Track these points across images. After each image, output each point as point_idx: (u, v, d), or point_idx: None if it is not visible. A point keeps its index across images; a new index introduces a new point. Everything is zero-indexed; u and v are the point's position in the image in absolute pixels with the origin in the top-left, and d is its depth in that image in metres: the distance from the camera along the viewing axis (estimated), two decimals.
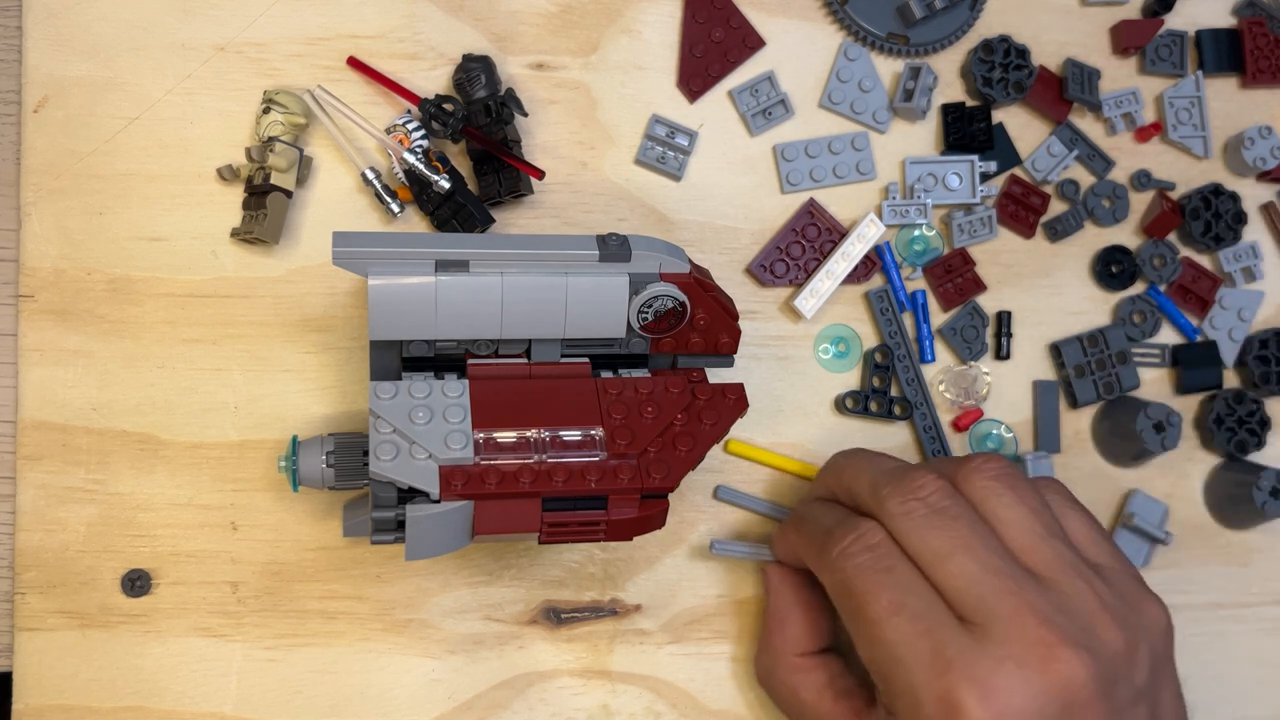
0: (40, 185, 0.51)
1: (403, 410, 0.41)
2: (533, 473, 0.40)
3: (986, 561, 0.40)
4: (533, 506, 0.40)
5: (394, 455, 0.39)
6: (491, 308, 0.42)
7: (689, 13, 0.56)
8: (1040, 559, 0.41)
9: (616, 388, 0.44)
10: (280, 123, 0.51)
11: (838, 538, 0.43)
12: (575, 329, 0.44)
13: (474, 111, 0.52)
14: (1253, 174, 0.59)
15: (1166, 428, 0.54)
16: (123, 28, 0.52)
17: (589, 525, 0.41)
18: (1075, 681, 0.39)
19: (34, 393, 0.50)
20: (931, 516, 0.41)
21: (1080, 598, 0.41)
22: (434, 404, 0.41)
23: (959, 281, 0.56)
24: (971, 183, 0.56)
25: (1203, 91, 0.58)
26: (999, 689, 0.38)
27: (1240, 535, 0.58)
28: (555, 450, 0.41)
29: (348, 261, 0.41)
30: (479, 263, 0.42)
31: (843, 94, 0.56)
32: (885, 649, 0.40)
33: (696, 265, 0.46)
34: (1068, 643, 0.39)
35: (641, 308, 0.44)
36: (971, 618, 0.39)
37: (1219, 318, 0.58)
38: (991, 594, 0.39)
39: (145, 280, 0.51)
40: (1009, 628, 0.39)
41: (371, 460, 0.39)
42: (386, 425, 0.40)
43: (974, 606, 0.39)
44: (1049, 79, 0.57)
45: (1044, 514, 0.43)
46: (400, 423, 0.40)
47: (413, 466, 0.39)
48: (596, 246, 0.43)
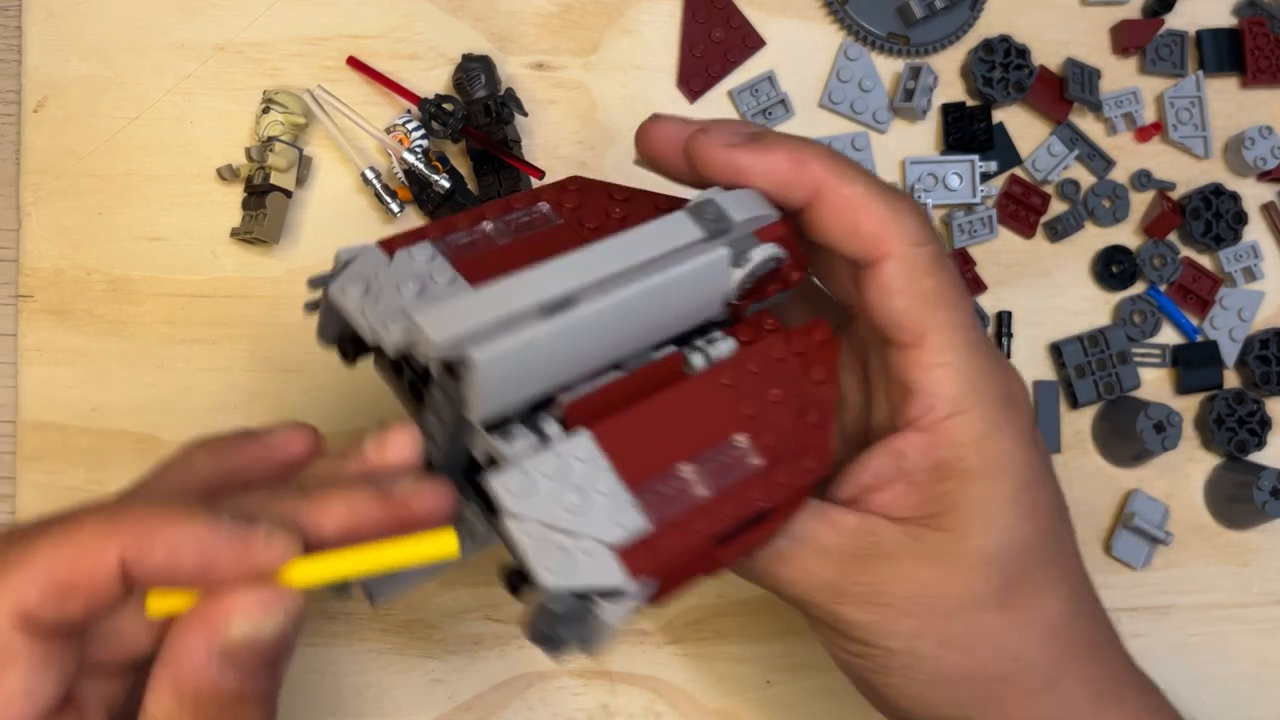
0: (40, 185, 0.51)
1: (550, 503, 0.32)
2: (703, 515, 0.33)
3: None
4: (712, 551, 0.34)
5: (563, 559, 0.31)
6: (602, 338, 0.34)
7: (689, 12, 0.56)
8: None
9: (730, 377, 0.36)
10: (280, 122, 0.51)
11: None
12: (677, 323, 0.37)
13: (474, 111, 0.52)
14: (1253, 174, 0.59)
15: (1167, 428, 0.54)
16: (122, 27, 0.52)
17: (760, 542, 0.36)
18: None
19: (33, 393, 0.50)
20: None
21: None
22: (574, 479, 0.32)
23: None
24: (972, 183, 0.56)
25: (1203, 91, 0.58)
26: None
27: (1240, 535, 0.58)
28: (710, 477, 0.34)
29: (451, 349, 0.31)
30: (585, 292, 0.33)
31: (843, 94, 0.56)
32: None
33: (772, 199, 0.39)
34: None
35: (744, 280, 0.37)
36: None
37: (1219, 318, 0.58)
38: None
39: (145, 280, 0.51)
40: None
41: (541, 575, 0.30)
42: (534, 526, 0.31)
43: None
44: (1049, 79, 0.57)
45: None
46: (551, 517, 0.32)
47: (588, 564, 0.31)
48: (696, 224, 0.36)
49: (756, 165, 0.37)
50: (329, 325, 0.36)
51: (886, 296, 0.37)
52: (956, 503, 0.36)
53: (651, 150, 0.39)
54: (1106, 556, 0.56)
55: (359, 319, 0.33)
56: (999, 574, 0.37)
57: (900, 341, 0.37)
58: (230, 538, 0.29)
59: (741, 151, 0.37)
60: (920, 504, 0.37)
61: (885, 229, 0.36)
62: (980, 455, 0.37)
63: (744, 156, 0.37)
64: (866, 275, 0.37)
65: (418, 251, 0.34)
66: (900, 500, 0.37)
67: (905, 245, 0.36)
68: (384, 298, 0.33)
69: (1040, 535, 0.38)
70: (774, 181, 0.37)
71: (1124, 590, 0.56)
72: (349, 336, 0.36)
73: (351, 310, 0.33)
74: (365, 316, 0.33)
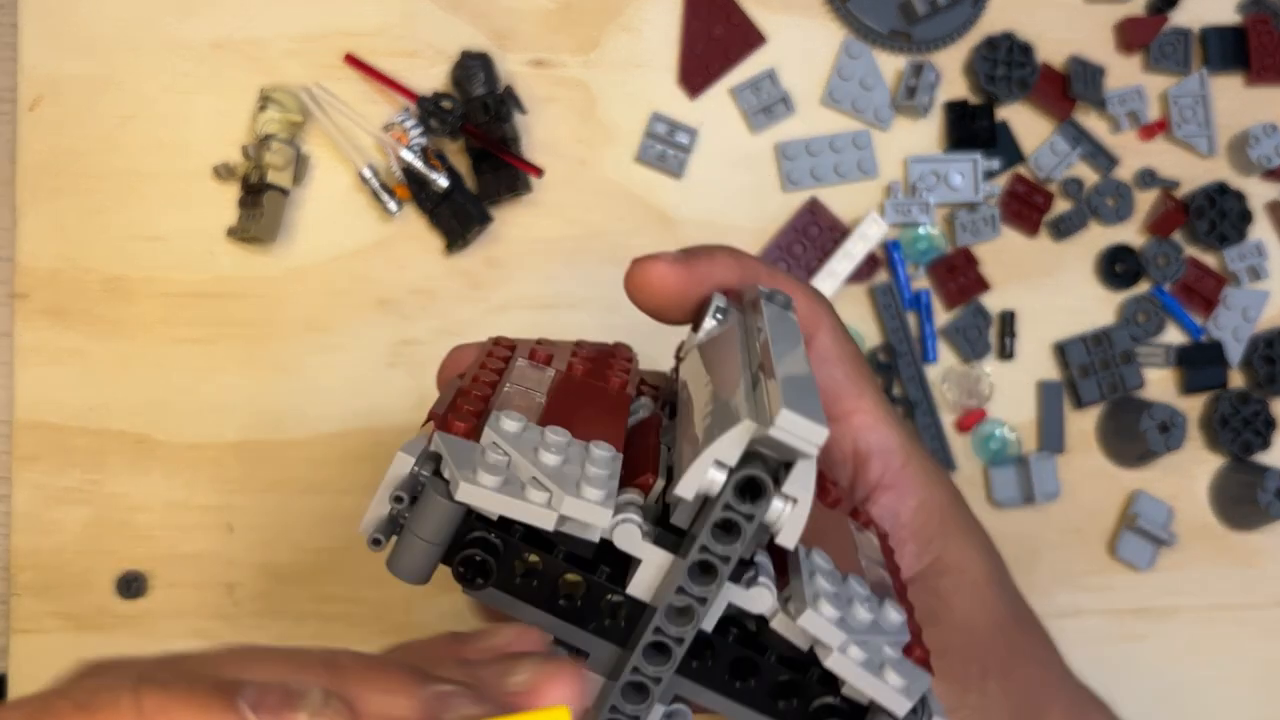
0: (36, 184, 0.51)
1: (851, 618, 0.28)
2: (899, 589, 0.33)
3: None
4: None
5: (899, 678, 0.28)
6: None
7: (689, 9, 0.55)
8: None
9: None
10: (277, 120, 0.50)
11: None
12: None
13: (472, 109, 0.52)
14: (1258, 172, 0.58)
15: (1171, 428, 0.54)
16: (119, 26, 0.52)
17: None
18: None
19: (29, 393, 0.50)
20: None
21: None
22: (844, 590, 0.29)
23: (962, 281, 0.56)
24: (975, 181, 0.56)
25: (1207, 89, 0.58)
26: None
27: (1245, 536, 0.57)
28: (872, 561, 0.34)
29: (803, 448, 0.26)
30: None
31: (845, 91, 0.56)
32: None
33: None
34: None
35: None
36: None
37: (1224, 317, 0.57)
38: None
39: (141, 279, 0.51)
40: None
41: (897, 705, 0.28)
42: (860, 641, 0.28)
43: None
44: (1053, 76, 0.57)
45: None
46: (860, 630, 0.28)
47: (908, 670, 0.28)
48: (787, 313, 0.35)
49: (715, 274, 0.37)
50: (426, 549, 0.28)
51: (827, 367, 0.39)
52: (947, 538, 0.39)
53: (656, 301, 0.38)
54: (1111, 558, 0.56)
55: (526, 506, 0.26)
56: (1002, 589, 0.40)
57: (842, 411, 0.40)
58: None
59: (698, 266, 0.37)
60: (920, 555, 0.39)
61: (815, 307, 0.39)
62: (943, 491, 0.40)
63: (702, 270, 0.37)
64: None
65: (505, 420, 0.28)
66: (905, 561, 0.39)
67: (831, 319, 0.39)
68: (543, 472, 0.27)
69: (996, 548, 0.42)
70: (733, 284, 0.38)
71: (1128, 591, 0.56)
72: (463, 559, 0.28)
73: (509, 500, 0.26)
74: (530, 499, 0.27)
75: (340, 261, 0.52)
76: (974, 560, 0.40)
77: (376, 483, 0.52)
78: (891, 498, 0.39)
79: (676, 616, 0.27)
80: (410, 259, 0.52)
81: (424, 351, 0.52)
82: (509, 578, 0.29)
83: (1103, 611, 0.56)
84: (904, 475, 0.39)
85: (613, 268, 0.54)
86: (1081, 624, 0.56)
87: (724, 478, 0.26)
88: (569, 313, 0.53)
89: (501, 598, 0.29)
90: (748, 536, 0.26)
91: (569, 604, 0.29)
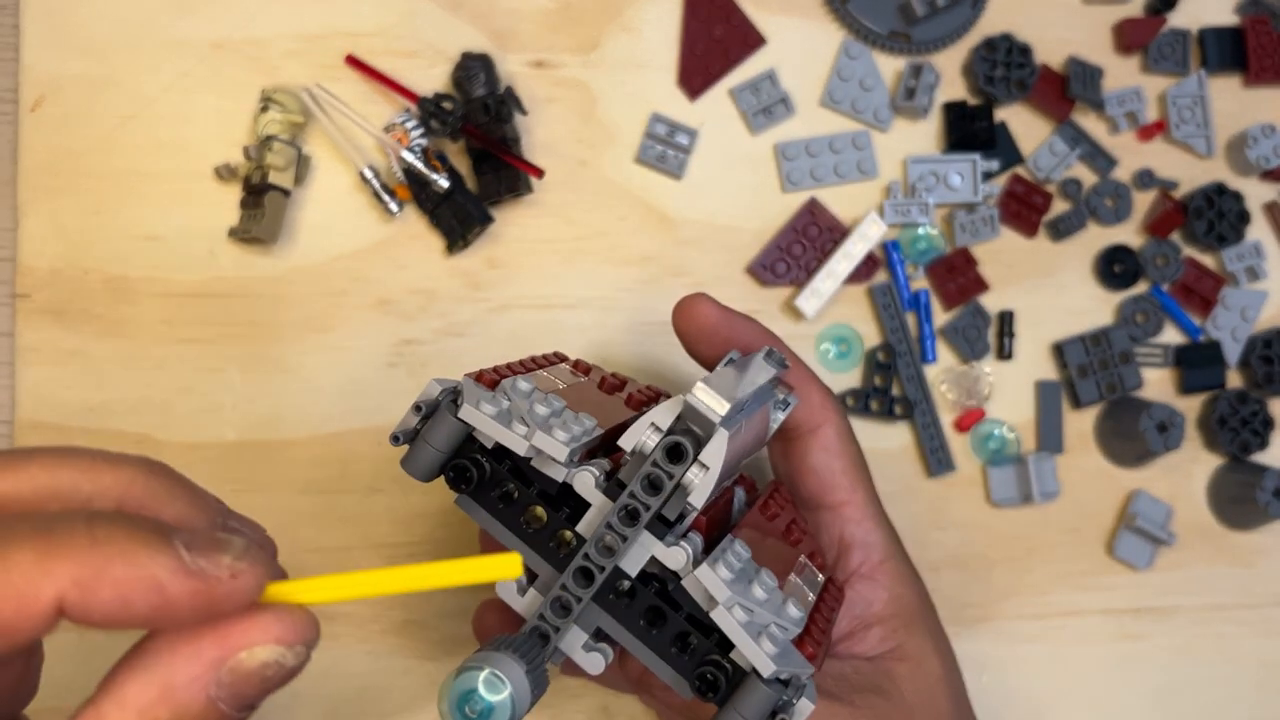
0: (37, 184, 0.51)
1: (745, 590, 0.33)
2: (819, 615, 0.37)
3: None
4: (820, 649, 0.36)
5: (772, 646, 0.32)
6: (739, 449, 0.36)
7: (689, 10, 0.55)
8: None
9: (775, 508, 0.41)
10: (278, 121, 0.50)
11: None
12: (750, 453, 0.39)
13: (473, 110, 0.52)
14: (1256, 173, 0.58)
15: (1169, 428, 0.54)
16: (119, 25, 0.52)
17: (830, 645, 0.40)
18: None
19: (30, 393, 0.50)
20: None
21: None
22: (751, 574, 0.34)
23: (961, 281, 0.56)
24: (973, 182, 0.56)
25: (1206, 90, 0.58)
26: None
27: (1244, 536, 0.57)
28: (808, 584, 0.38)
29: (722, 424, 0.33)
30: (746, 402, 0.36)
31: (844, 92, 0.56)
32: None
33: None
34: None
35: (781, 422, 0.43)
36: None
37: (1222, 317, 0.58)
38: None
39: (142, 279, 0.51)
40: None
41: (761, 662, 0.32)
42: (742, 615, 0.33)
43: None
44: (1051, 77, 0.57)
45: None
46: (751, 601, 0.33)
47: (788, 652, 0.33)
48: (771, 366, 0.39)
49: (744, 329, 0.43)
50: (429, 453, 0.35)
51: (828, 458, 0.44)
52: (911, 633, 0.43)
53: (694, 328, 0.43)
54: (1109, 558, 0.56)
55: (507, 432, 0.33)
56: (952, 692, 0.43)
57: (834, 501, 0.44)
58: (191, 574, 0.25)
59: (733, 317, 0.43)
60: (884, 640, 0.43)
61: (826, 400, 0.44)
62: (914, 592, 0.44)
63: (737, 321, 0.43)
64: (808, 441, 0.44)
65: (522, 382, 0.35)
66: (868, 642, 0.43)
67: (839, 416, 0.44)
68: (529, 413, 0.34)
69: (954, 657, 0.45)
70: (756, 347, 0.42)
71: (1126, 591, 0.56)
72: (455, 465, 0.35)
73: (496, 425, 0.33)
74: (514, 429, 0.33)
75: (341, 262, 0.52)
76: (932, 659, 0.43)
77: (377, 483, 0.52)
78: (867, 587, 0.43)
79: (602, 549, 0.33)
80: (411, 259, 0.53)
81: (425, 351, 0.52)
82: (492, 500, 0.35)
83: (1101, 611, 0.56)
84: (881, 570, 0.44)
85: (613, 268, 0.54)
86: (1080, 624, 0.56)
87: (657, 439, 0.32)
88: (569, 313, 0.54)
89: (480, 513, 0.35)
90: (667, 491, 0.32)
91: (532, 531, 0.35)
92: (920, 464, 0.56)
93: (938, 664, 0.43)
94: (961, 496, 0.56)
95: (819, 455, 0.44)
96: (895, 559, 0.44)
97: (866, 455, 0.46)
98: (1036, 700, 0.55)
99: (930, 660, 0.43)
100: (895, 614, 0.43)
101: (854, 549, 0.44)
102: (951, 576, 0.55)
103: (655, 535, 0.33)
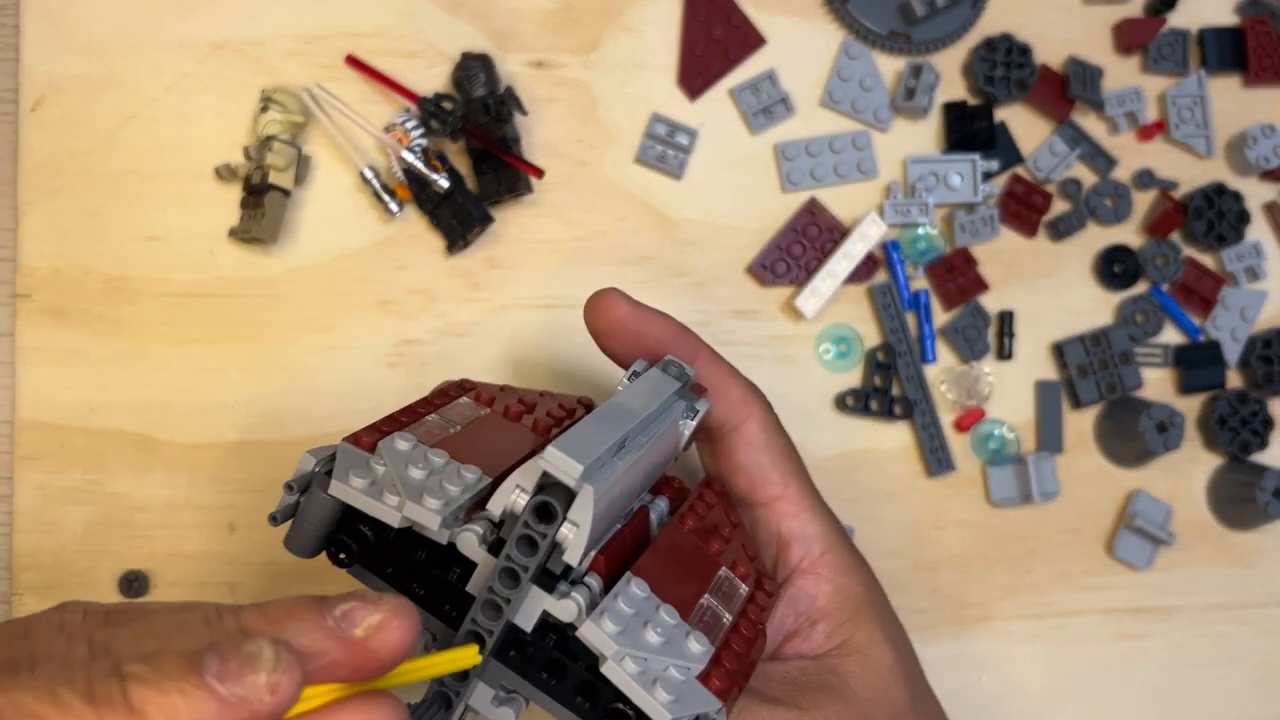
0: (38, 184, 0.51)
1: (637, 637, 0.32)
2: (737, 636, 0.36)
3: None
4: (745, 669, 0.36)
5: (668, 692, 0.31)
6: (636, 478, 0.36)
7: (689, 10, 0.55)
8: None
9: (693, 522, 0.39)
10: (278, 121, 0.50)
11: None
12: (658, 472, 0.39)
13: (473, 110, 0.52)
14: (1255, 173, 0.58)
15: (1169, 428, 0.54)
16: (120, 26, 0.52)
17: (758, 660, 0.39)
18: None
19: (31, 393, 0.50)
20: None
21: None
22: (645, 617, 0.33)
23: (961, 281, 0.56)
24: (973, 182, 0.56)
25: (1205, 90, 0.58)
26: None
27: (1243, 536, 0.57)
28: (725, 604, 0.37)
29: (578, 482, 0.31)
30: (631, 434, 0.35)
31: (844, 92, 0.56)
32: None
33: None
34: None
35: (693, 432, 0.40)
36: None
37: (1222, 317, 0.58)
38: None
39: (143, 280, 0.51)
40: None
41: (657, 712, 0.31)
42: (634, 665, 0.32)
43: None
44: (1051, 77, 0.57)
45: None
46: (645, 654, 0.32)
47: (689, 693, 0.32)
48: (670, 378, 0.40)
49: (655, 325, 0.42)
50: (308, 531, 0.34)
51: (755, 453, 0.43)
52: (858, 624, 0.42)
53: (603, 324, 0.42)
54: (1109, 557, 0.56)
55: (378, 504, 0.32)
56: (907, 680, 0.42)
57: (767, 497, 0.43)
58: (230, 707, 0.25)
59: (644, 312, 0.42)
60: (830, 636, 0.42)
61: (747, 395, 0.43)
62: (859, 581, 0.43)
63: (647, 317, 0.42)
64: (732, 439, 0.43)
65: (400, 440, 0.34)
66: (814, 640, 0.42)
67: (762, 409, 0.43)
68: (400, 481, 0.32)
69: (908, 643, 0.44)
70: (668, 344, 0.41)
71: (1126, 591, 0.56)
72: (333, 540, 0.35)
73: (365, 498, 0.32)
74: (385, 500, 0.32)
75: (341, 262, 0.52)
76: (882, 649, 0.42)
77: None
78: (809, 582, 0.42)
79: (489, 611, 0.33)
80: (411, 259, 0.53)
81: (425, 351, 0.52)
82: (380, 565, 0.35)
83: (1101, 611, 0.56)
84: (822, 562, 0.43)
85: (613, 268, 0.54)
86: (1080, 623, 0.56)
87: (525, 501, 0.32)
88: (569, 313, 0.54)
89: (373, 579, 0.35)
90: (542, 550, 0.31)
91: (423, 594, 0.35)
92: (920, 464, 0.56)
93: (888, 652, 0.42)
94: (961, 496, 0.56)
95: (745, 452, 0.43)
96: (836, 549, 0.43)
97: (866, 455, 0.46)
98: (1036, 700, 0.55)
99: (879, 649, 0.42)
100: (840, 606, 0.42)
101: (793, 544, 0.43)
102: (951, 576, 0.55)
103: (545, 589, 0.32)
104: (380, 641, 0.27)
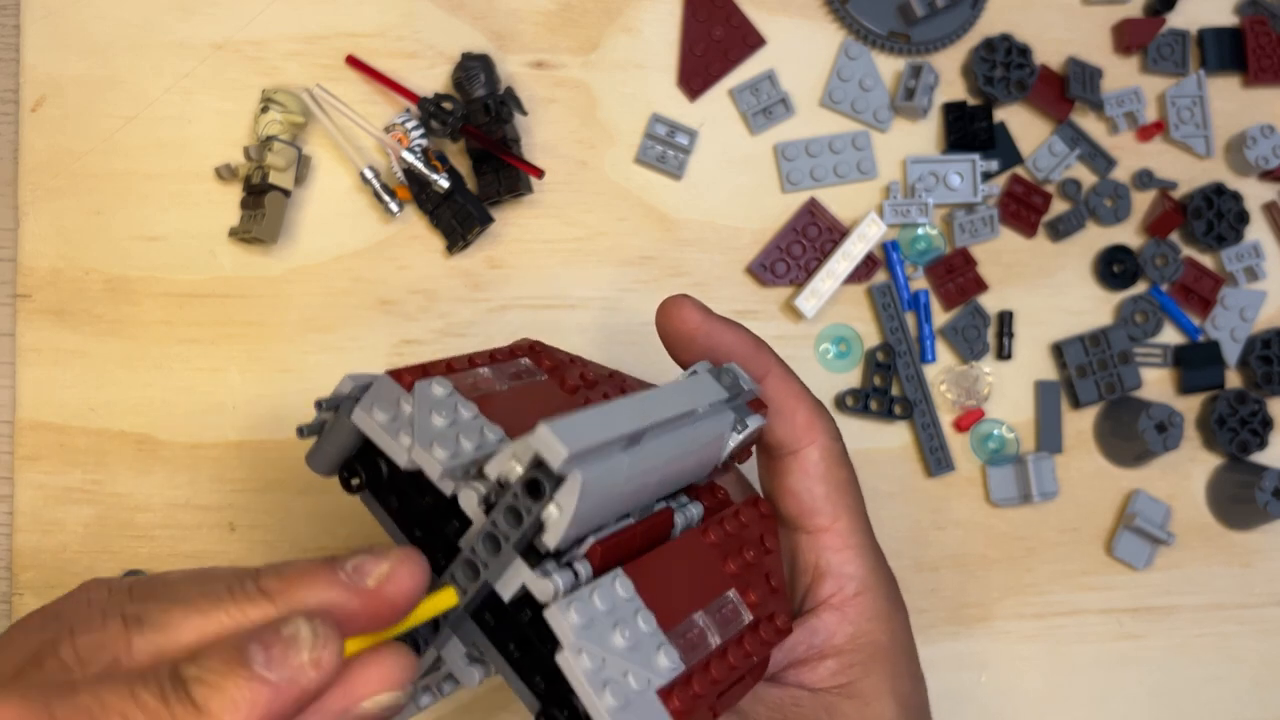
0: (38, 184, 0.51)
1: (604, 639, 0.32)
2: (718, 662, 0.35)
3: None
4: (716, 700, 0.35)
5: (617, 697, 0.31)
6: (649, 478, 0.35)
7: (689, 11, 0.55)
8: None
9: (715, 536, 0.38)
10: (278, 121, 0.50)
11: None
12: (687, 478, 0.38)
13: (473, 110, 0.52)
14: (1255, 173, 0.59)
15: (1169, 428, 0.54)
16: (120, 26, 0.52)
17: (743, 694, 0.38)
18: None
19: (31, 393, 0.50)
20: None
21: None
22: (620, 617, 0.32)
23: (960, 281, 0.56)
24: (973, 182, 0.56)
25: (1205, 90, 0.58)
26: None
27: (1242, 536, 0.57)
28: (717, 627, 0.36)
29: (564, 466, 0.31)
30: (649, 432, 0.34)
31: (844, 93, 0.56)
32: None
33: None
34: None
35: (738, 446, 0.39)
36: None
37: (1221, 317, 0.58)
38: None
39: (143, 280, 0.51)
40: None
41: (600, 716, 0.30)
42: (589, 661, 0.31)
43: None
44: (1051, 78, 0.57)
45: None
46: (605, 652, 0.31)
47: (640, 704, 0.31)
48: (720, 386, 0.38)
49: (727, 337, 0.41)
50: (328, 451, 0.34)
51: (809, 481, 0.41)
52: (869, 671, 0.41)
53: (674, 332, 0.42)
54: (1108, 557, 0.56)
55: (391, 442, 0.32)
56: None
57: (815, 526, 0.42)
58: (282, 690, 0.26)
59: (717, 322, 0.41)
60: (835, 674, 0.41)
61: (814, 420, 0.41)
62: (885, 630, 0.42)
63: (720, 327, 0.41)
64: (789, 462, 0.42)
65: (437, 385, 0.34)
66: (819, 673, 0.41)
67: (827, 438, 0.42)
68: (418, 425, 0.32)
69: (923, 702, 0.43)
70: (738, 356, 0.41)
71: (1126, 591, 0.56)
72: (348, 464, 0.35)
73: (382, 433, 0.32)
74: (399, 440, 0.32)
75: (341, 262, 0.52)
76: (884, 703, 0.41)
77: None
78: (833, 618, 0.41)
79: (468, 569, 0.32)
80: (411, 259, 0.53)
81: (425, 352, 0.52)
82: (387, 499, 0.35)
83: (1100, 611, 0.56)
84: (853, 603, 0.41)
85: (613, 268, 0.54)
86: (1079, 623, 0.56)
87: (520, 472, 0.31)
88: (569, 313, 0.54)
89: (379, 511, 0.35)
90: (526, 525, 0.31)
91: (422, 536, 0.35)
92: (920, 464, 0.56)
93: (890, 707, 0.41)
94: (961, 496, 0.56)
95: (799, 478, 0.42)
96: (871, 593, 0.42)
97: (866, 455, 0.46)
98: (1036, 699, 0.55)
99: (882, 703, 0.40)
100: (856, 649, 0.41)
101: (827, 578, 0.42)
102: (951, 576, 0.55)
103: (530, 564, 0.32)
104: (393, 589, 0.28)
